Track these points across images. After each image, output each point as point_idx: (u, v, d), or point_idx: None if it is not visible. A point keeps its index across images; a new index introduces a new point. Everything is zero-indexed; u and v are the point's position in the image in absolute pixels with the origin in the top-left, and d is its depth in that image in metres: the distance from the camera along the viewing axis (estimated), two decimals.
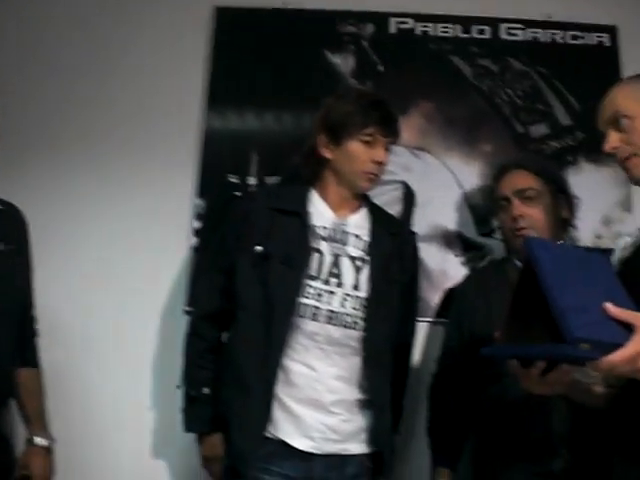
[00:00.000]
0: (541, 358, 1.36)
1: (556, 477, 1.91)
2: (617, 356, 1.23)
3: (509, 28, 2.73)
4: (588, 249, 2.24)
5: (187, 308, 2.36)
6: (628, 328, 1.27)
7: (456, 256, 2.52)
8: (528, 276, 1.34)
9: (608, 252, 1.80)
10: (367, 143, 1.98)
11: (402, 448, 2.27)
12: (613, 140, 1.65)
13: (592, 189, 2.50)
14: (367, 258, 1.99)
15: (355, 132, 1.97)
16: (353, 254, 1.98)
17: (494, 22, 2.73)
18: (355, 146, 1.98)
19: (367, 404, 1.94)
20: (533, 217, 2.08)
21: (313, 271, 1.93)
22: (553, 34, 2.74)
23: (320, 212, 2.01)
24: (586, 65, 2.71)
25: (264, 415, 1.85)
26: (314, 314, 1.90)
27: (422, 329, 2.43)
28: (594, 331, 1.25)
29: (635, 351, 1.24)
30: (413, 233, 2.27)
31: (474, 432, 2.15)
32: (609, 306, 1.28)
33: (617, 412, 1.61)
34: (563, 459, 1.92)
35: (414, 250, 2.19)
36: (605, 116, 1.68)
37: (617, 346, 1.24)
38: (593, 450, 1.82)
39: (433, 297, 2.47)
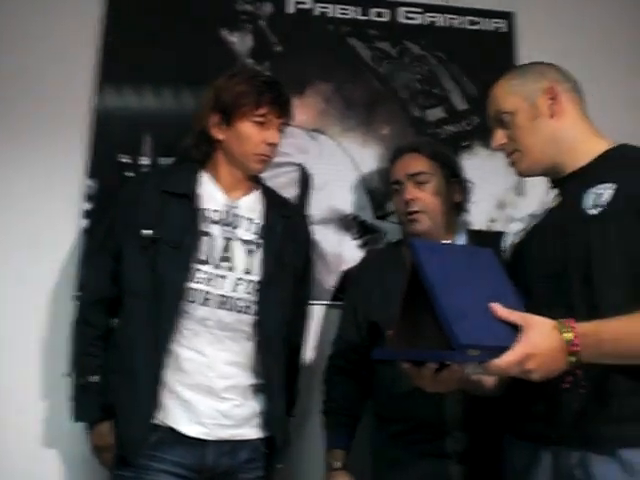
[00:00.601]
0: (431, 361, 1.36)
1: (449, 458, 1.95)
2: (504, 360, 1.25)
3: (407, 12, 2.74)
4: (473, 232, 2.27)
5: (76, 293, 2.27)
6: (516, 328, 1.29)
7: (352, 239, 2.52)
8: (417, 277, 1.34)
9: (499, 234, 1.84)
10: (259, 124, 1.95)
11: (297, 431, 2.27)
12: (499, 137, 1.69)
13: (486, 173, 2.55)
14: (259, 241, 1.96)
15: (247, 113, 1.94)
16: (245, 237, 1.95)
17: (393, 5, 2.74)
18: (247, 127, 1.95)
19: (260, 388, 1.93)
20: (425, 201, 2.10)
21: (203, 255, 1.89)
22: (451, 19, 2.77)
23: (211, 194, 1.97)
24: (483, 50, 2.75)
25: (152, 402, 1.80)
26: (205, 299, 1.87)
27: (319, 312, 2.43)
28: (481, 336, 1.26)
29: (522, 353, 1.25)
30: (307, 216, 2.26)
31: (371, 414, 2.16)
32: (496, 308, 1.30)
33: (507, 395, 1.64)
34: (456, 441, 1.95)
35: (307, 233, 2.19)
36: (490, 114, 1.71)
37: (505, 349, 1.26)
38: (486, 431, 1.86)
39: (329, 280, 2.47)
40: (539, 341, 1.27)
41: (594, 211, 1.48)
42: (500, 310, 1.29)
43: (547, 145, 1.62)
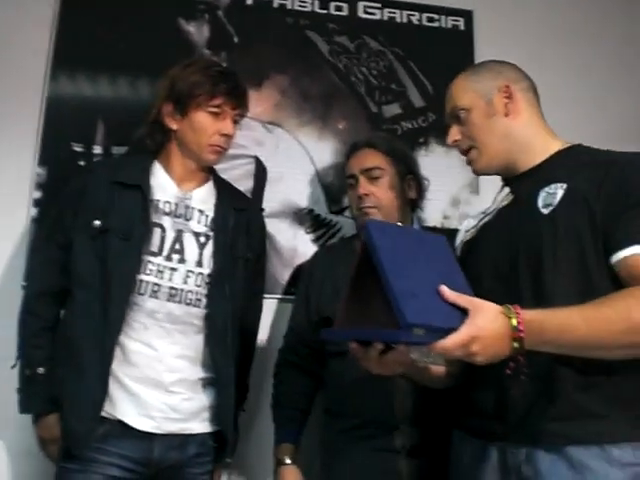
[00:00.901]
0: (378, 341, 1.36)
1: (398, 453, 1.94)
2: (449, 341, 1.25)
3: (367, 7, 2.74)
4: (428, 229, 2.29)
5: (24, 283, 2.23)
6: (463, 311, 1.29)
7: (307, 233, 2.51)
8: (367, 258, 1.33)
9: (453, 232, 1.85)
10: (214, 115, 1.93)
11: (248, 426, 2.26)
12: (454, 133, 1.69)
13: (442, 170, 2.56)
14: (211, 234, 1.95)
15: (202, 103, 1.91)
16: (197, 230, 1.93)
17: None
18: (201, 117, 1.93)
19: (210, 382, 1.91)
20: (378, 196, 2.10)
21: (154, 247, 1.87)
22: (410, 15, 2.78)
23: (163, 186, 1.95)
24: (440, 48, 2.77)
25: (99, 395, 1.78)
26: (154, 291, 1.85)
27: (272, 306, 2.43)
28: (428, 316, 1.26)
29: (467, 335, 1.26)
30: (260, 209, 2.24)
31: (321, 409, 2.16)
32: (444, 290, 1.30)
33: (454, 388, 1.65)
34: (404, 435, 1.95)
35: (261, 226, 2.17)
36: (447, 111, 1.72)
37: (451, 330, 1.26)
38: (436, 426, 1.86)
39: (283, 274, 2.46)
40: (485, 324, 1.27)
41: (545, 210, 1.50)
42: (448, 293, 1.30)
43: (501, 143, 1.63)
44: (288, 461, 2.06)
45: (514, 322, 1.29)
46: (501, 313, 1.30)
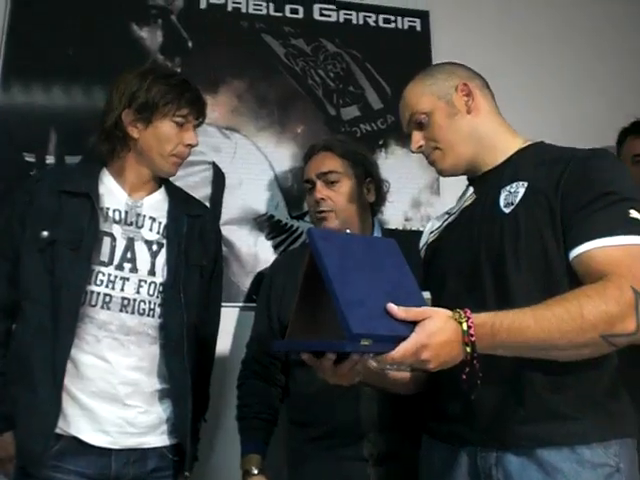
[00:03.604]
0: (327, 351, 1.33)
1: (365, 461, 1.92)
2: (399, 350, 1.22)
3: (322, 9, 2.72)
4: (389, 231, 2.27)
5: None
6: None
7: (268, 239, 2.49)
8: (315, 267, 1.30)
9: (415, 234, 1.82)
10: (179, 125, 1.91)
11: (209, 437, 2.22)
12: (416, 139, 1.67)
13: (402, 172, 2.55)
14: (164, 242, 1.91)
15: (169, 112, 1.89)
16: (148, 238, 1.90)
17: (307, 2, 2.71)
18: (167, 127, 1.90)
19: (167, 394, 1.87)
20: (335, 200, 2.08)
21: (104, 257, 1.83)
22: (366, 17, 2.76)
23: (112, 193, 1.91)
24: (398, 49, 2.76)
25: (52, 411, 1.73)
26: (106, 302, 1.81)
27: (234, 314, 2.39)
28: (375, 325, 1.23)
29: (417, 343, 1.23)
30: (214, 214, 2.20)
31: (287, 418, 2.13)
32: (392, 308, 1.26)
33: (420, 393, 1.63)
34: (372, 443, 1.93)
35: (216, 232, 2.13)
36: (405, 119, 1.70)
37: (400, 339, 1.23)
38: (404, 432, 1.85)
39: (245, 282, 2.43)
40: (434, 331, 1.24)
41: (507, 210, 1.49)
42: (396, 310, 1.26)
43: (467, 141, 1.61)
44: (255, 471, 2.01)
45: (464, 326, 1.27)
46: (451, 318, 1.28)
